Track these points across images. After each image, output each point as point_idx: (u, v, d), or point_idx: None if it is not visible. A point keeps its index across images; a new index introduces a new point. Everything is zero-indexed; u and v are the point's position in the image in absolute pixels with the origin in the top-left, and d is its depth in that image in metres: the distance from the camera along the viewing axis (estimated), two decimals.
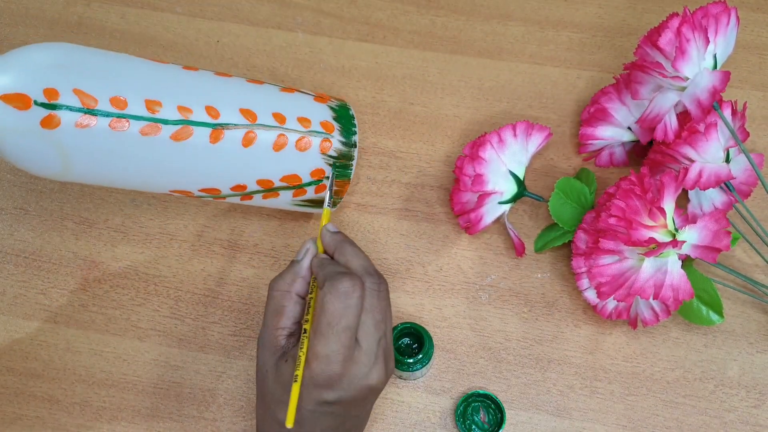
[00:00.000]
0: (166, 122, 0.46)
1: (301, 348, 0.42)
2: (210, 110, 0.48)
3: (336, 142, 0.51)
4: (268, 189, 0.51)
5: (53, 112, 0.43)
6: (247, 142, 0.48)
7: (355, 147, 0.52)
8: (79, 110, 0.44)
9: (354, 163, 0.52)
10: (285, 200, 0.53)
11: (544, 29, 0.66)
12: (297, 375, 0.41)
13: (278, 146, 0.49)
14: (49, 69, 0.44)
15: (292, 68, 0.64)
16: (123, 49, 0.65)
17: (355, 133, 0.53)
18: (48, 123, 0.43)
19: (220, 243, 0.59)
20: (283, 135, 0.49)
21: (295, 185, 0.51)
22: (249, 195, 0.51)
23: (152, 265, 0.58)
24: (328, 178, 0.52)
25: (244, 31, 0.66)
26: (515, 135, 0.55)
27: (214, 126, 0.47)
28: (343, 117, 0.53)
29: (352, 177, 0.53)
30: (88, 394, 0.55)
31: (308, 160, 0.51)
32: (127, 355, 0.56)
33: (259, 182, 0.50)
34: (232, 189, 0.50)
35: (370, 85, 0.64)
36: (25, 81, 0.43)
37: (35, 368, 0.56)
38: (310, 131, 0.51)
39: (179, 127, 0.46)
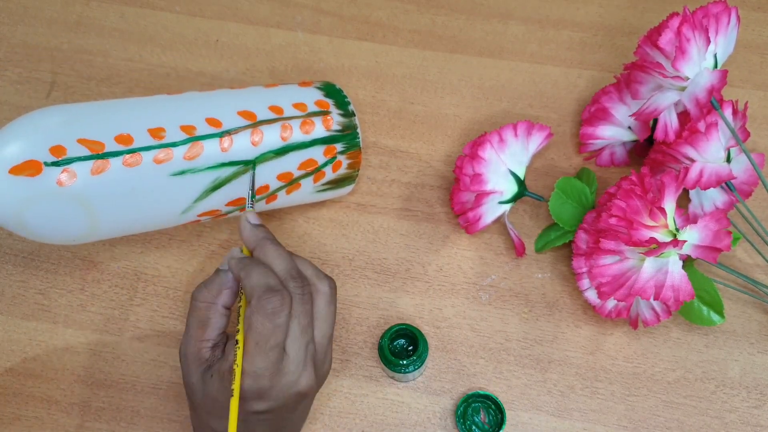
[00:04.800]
0: (175, 144, 0.46)
1: (235, 362, 0.41)
2: (211, 121, 0.48)
3: (335, 116, 0.52)
4: (290, 182, 0.52)
5: (65, 168, 0.43)
6: (256, 140, 0.49)
7: (354, 115, 0.53)
8: (89, 158, 0.44)
9: (359, 131, 0.53)
10: (307, 190, 0.53)
11: (545, 28, 0.65)
12: (234, 389, 0.40)
13: (285, 136, 0.50)
14: (48, 129, 0.44)
15: (292, 67, 0.64)
16: (122, 48, 0.65)
17: (349, 102, 0.53)
18: (63, 181, 0.43)
19: (220, 243, 0.59)
20: (286, 124, 0.50)
21: (314, 170, 0.52)
22: (273, 195, 0.52)
23: (151, 265, 0.58)
24: (253, 170, 0.50)
25: (244, 30, 0.66)
26: (516, 134, 0.55)
27: (220, 135, 0.48)
28: (332, 92, 0.54)
29: (361, 145, 0.53)
30: (86, 395, 0.55)
31: (317, 141, 0.51)
32: (125, 355, 0.56)
33: (279, 177, 0.51)
34: (256, 193, 0.50)
35: (370, 84, 0.64)
36: (29, 147, 0.43)
37: (34, 368, 0.56)
38: (308, 113, 0.51)
39: (189, 145, 0.47)
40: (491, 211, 0.56)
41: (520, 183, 0.56)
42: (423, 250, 0.58)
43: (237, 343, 0.42)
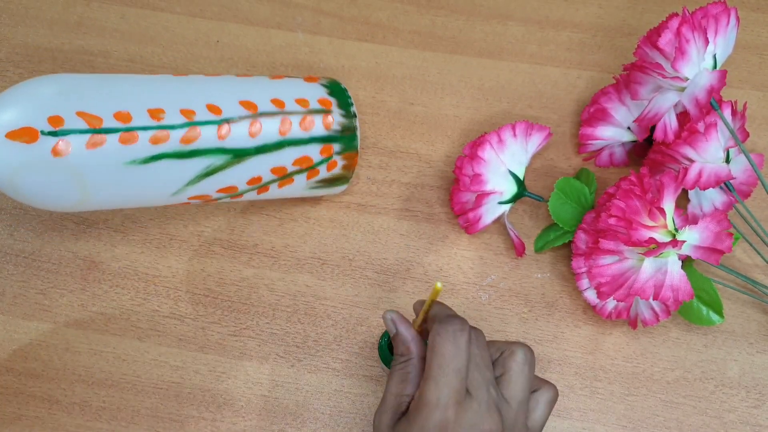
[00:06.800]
0: (173, 127, 0.46)
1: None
2: (212, 108, 0.48)
3: (336, 116, 0.52)
4: (283, 176, 0.52)
5: (62, 139, 0.43)
6: (254, 132, 0.49)
7: (356, 117, 0.53)
8: (86, 131, 0.44)
9: (358, 133, 0.53)
10: (300, 185, 0.53)
11: (545, 29, 0.66)
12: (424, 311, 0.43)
13: (284, 131, 0.50)
14: (48, 98, 0.44)
15: (292, 68, 0.64)
16: (123, 48, 0.65)
17: (351, 104, 0.53)
18: (58, 151, 0.43)
19: (220, 243, 0.59)
20: (287, 119, 0.50)
21: (308, 167, 0.52)
22: (265, 186, 0.52)
23: (152, 265, 0.58)
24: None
25: (244, 31, 0.66)
26: (515, 135, 0.55)
27: (219, 122, 0.48)
28: (337, 91, 0.54)
29: (359, 147, 0.54)
30: (87, 394, 0.55)
31: (315, 139, 0.51)
32: (126, 355, 0.56)
33: (273, 171, 0.51)
34: (248, 183, 0.51)
35: (370, 85, 0.64)
36: (28, 114, 0.43)
37: (34, 368, 0.56)
38: (309, 110, 0.51)
39: (186, 129, 0.47)
40: (491, 211, 0.56)
41: (520, 183, 0.56)
42: (423, 250, 0.58)
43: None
